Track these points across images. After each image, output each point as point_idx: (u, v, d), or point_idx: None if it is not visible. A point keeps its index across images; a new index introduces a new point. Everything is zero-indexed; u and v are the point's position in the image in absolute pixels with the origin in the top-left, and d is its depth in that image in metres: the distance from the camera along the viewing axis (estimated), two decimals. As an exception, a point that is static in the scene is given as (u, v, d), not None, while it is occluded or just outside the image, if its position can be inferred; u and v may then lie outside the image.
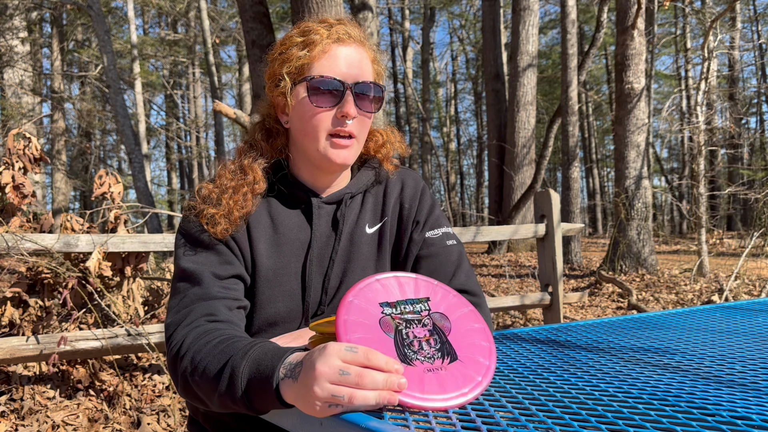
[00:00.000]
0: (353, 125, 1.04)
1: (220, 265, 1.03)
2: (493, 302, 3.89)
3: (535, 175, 9.65)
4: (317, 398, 0.67)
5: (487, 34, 12.63)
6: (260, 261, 1.06)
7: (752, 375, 0.82)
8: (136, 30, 14.94)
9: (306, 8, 4.47)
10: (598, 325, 1.29)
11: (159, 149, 26.56)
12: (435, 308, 0.83)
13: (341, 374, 0.67)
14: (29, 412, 2.75)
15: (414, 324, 0.79)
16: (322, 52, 1.03)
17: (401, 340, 0.77)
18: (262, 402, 0.77)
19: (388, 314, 0.79)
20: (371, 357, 0.69)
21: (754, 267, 7.64)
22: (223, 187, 1.06)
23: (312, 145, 1.06)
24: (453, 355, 0.77)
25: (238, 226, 1.05)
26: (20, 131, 3.14)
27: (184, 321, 0.95)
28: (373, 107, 1.07)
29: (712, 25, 7.57)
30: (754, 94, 24.75)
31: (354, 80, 1.04)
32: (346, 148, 1.05)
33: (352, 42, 1.06)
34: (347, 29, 1.07)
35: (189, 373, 0.87)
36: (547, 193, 3.95)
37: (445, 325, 0.81)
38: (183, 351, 0.90)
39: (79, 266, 3.08)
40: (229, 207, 1.04)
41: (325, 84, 1.02)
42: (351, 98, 1.03)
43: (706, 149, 7.85)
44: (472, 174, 31.77)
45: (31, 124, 9.74)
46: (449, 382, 0.73)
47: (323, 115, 1.03)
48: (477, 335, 0.82)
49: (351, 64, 1.04)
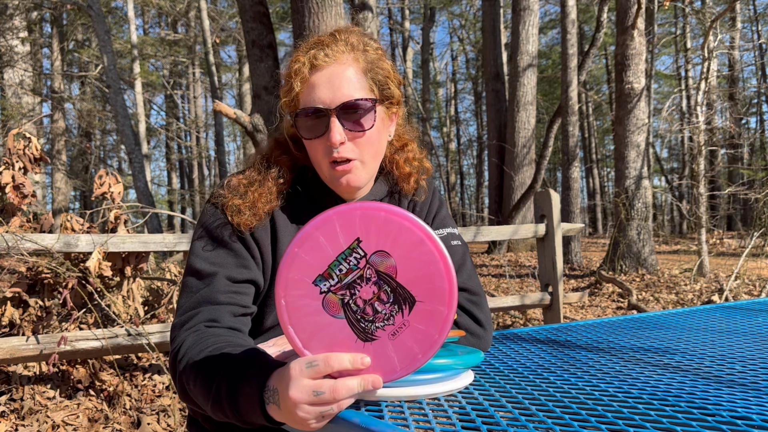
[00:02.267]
0: (347, 149, 1.02)
1: (236, 267, 1.02)
2: (493, 302, 3.89)
3: (535, 175, 9.65)
4: (306, 419, 0.68)
5: (487, 34, 12.63)
6: None
7: (752, 375, 0.82)
8: (136, 30, 14.95)
9: (306, 8, 4.47)
10: (598, 325, 1.29)
11: (159, 149, 26.58)
12: (370, 248, 0.71)
13: (316, 395, 0.66)
14: (29, 412, 2.75)
15: (357, 285, 0.71)
16: (303, 83, 1.02)
17: (353, 316, 0.71)
18: (254, 421, 0.77)
19: (326, 290, 0.71)
20: (334, 364, 0.67)
21: (754, 267, 7.64)
22: (250, 179, 1.07)
23: (320, 172, 1.08)
24: (410, 299, 0.70)
25: (261, 220, 1.05)
26: (20, 131, 3.14)
27: (187, 324, 0.96)
28: (366, 124, 1.02)
29: (712, 25, 7.57)
30: (754, 94, 24.75)
31: (336, 102, 1.00)
32: (348, 173, 1.03)
33: (330, 62, 1.01)
34: (328, 49, 1.02)
35: (185, 380, 0.88)
36: (547, 193, 3.95)
37: (389, 266, 0.71)
38: (180, 355, 0.90)
39: (79, 266, 3.08)
40: (254, 199, 1.04)
41: (308, 116, 1.01)
42: (336, 124, 0.99)
43: (706, 149, 7.85)
44: (472, 174, 31.79)
45: (31, 124, 9.74)
46: (418, 336, 0.69)
47: (317, 146, 1.03)
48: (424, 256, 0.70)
49: (332, 87, 1.00)
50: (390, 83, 1.07)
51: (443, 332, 0.69)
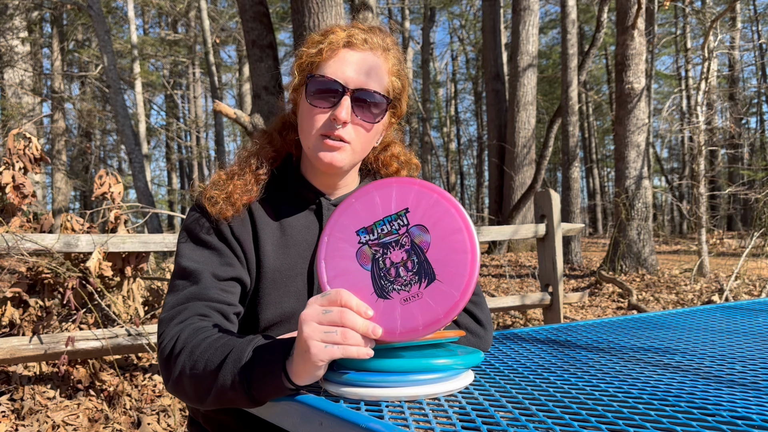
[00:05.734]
0: (346, 131, 1.02)
1: (220, 266, 1.03)
2: (494, 302, 3.89)
3: (535, 175, 9.65)
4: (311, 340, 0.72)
5: (487, 34, 12.63)
6: (267, 263, 1.06)
7: (752, 375, 0.82)
8: (136, 30, 14.94)
9: (306, 8, 4.48)
10: (598, 325, 1.29)
11: (159, 149, 26.58)
12: (414, 221, 0.79)
13: (324, 313, 0.73)
14: (29, 412, 2.75)
15: (391, 247, 0.78)
16: (331, 53, 1.02)
17: (378, 272, 0.78)
18: (263, 388, 0.80)
19: (364, 242, 0.79)
20: (343, 297, 0.74)
21: (754, 267, 7.64)
22: (230, 172, 1.09)
23: (306, 142, 1.06)
24: (431, 276, 0.76)
25: (238, 211, 1.05)
26: (20, 131, 3.14)
27: (177, 317, 0.95)
28: (374, 117, 1.03)
29: (712, 25, 7.57)
30: (754, 94, 24.75)
31: (357, 86, 1.01)
32: (335, 150, 1.03)
33: (366, 48, 1.03)
34: (367, 36, 1.04)
35: (188, 368, 0.87)
36: (547, 193, 3.95)
37: (423, 240, 0.78)
38: (179, 347, 0.90)
39: (79, 266, 3.08)
40: (231, 190, 1.05)
41: (323, 84, 1.01)
42: (348, 103, 1.00)
43: (706, 149, 7.85)
44: (472, 174, 31.78)
45: (31, 124, 9.74)
46: (426, 310, 0.75)
47: (318, 116, 1.02)
48: (458, 244, 0.77)
49: (359, 70, 1.02)
50: (403, 96, 1.10)
51: (449, 315, 0.74)
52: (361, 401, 0.74)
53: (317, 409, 0.71)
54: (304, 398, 0.75)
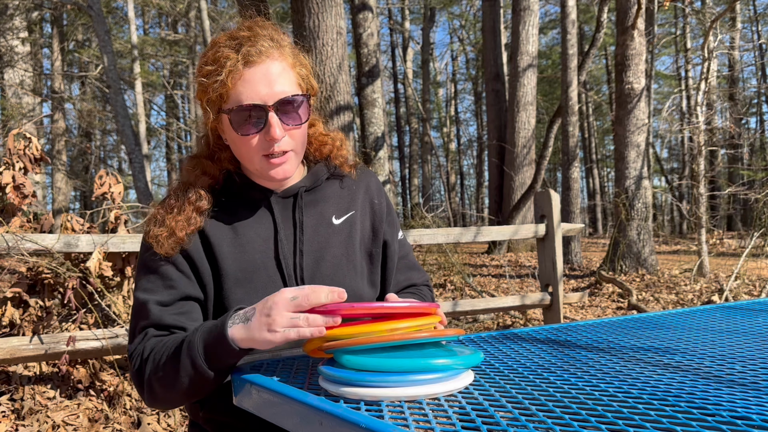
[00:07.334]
0: (284, 142, 1.03)
1: (164, 290, 1.04)
2: (493, 302, 3.89)
3: (535, 176, 9.65)
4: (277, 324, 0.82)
5: (487, 34, 12.63)
6: (225, 265, 1.07)
7: (752, 375, 0.82)
8: (136, 30, 14.95)
9: (306, 8, 4.48)
10: (598, 325, 1.29)
11: (159, 149, 26.58)
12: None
13: (292, 299, 0.83)
14: (29, 412, 2.75)
15: None
16: (236, 79, 1.00)
17: None
18: (219, 358, 0.89)
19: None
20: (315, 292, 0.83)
21: (754, 267, 7.64)
22: (168, 207, 1.08)
23: (250, 166, 1.07)
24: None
25: (185, 242, 1.05)
26: (20, 131, 3.14)
27: (138, 340, 1.02)
28: (302, 118, 1.05)
29: (712, 25, 7.57)
30: (754, 94, 24.75)
31: (275, 99, 1.01)
32: (283, 164, 1.05)
33: (264, 58, 1.01)
34: (257, 44, 1.01)
35: (153, 372, 0.94)
36: (547, 193, 3.95)
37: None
38: (144, 358, 0.97)
39: (79, 266, 3.08)
40: (172, 227, 1.05)
41: (245, 112, 1.00)
42: (275, 120, 1.00)
43: (706, 149, 7.85)
44: (472, 174, 31.77)
45: (31, 124, 9.74)
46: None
47: (252, 141, 1.03)
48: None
49: (268, 83, 1.01)
50: (310, 76, 1.10)
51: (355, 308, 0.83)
52: (361, 401, 0.74)
53: (317, 409, 0.70)
54: (304, 398, 0.75)
